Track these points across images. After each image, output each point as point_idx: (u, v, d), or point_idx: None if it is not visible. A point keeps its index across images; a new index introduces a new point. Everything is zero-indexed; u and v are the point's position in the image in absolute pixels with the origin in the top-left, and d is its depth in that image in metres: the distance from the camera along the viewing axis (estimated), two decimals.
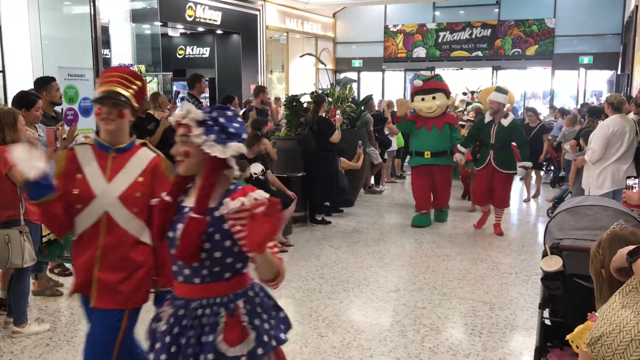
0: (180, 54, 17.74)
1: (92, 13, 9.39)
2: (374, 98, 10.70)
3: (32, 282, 4.78)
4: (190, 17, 14.24)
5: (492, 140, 7.04)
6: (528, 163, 7.23)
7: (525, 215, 8.92)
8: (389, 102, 10.75)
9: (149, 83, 12.21)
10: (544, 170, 11.63)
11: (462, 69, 19.99)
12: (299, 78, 19.10)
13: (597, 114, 7.58)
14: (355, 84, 18.90)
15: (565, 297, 3.10)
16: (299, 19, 18.93)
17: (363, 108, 9.45)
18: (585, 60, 18.05)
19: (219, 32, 16.13)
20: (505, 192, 7.24)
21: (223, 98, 8.10)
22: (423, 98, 7.62)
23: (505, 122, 6.98)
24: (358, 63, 21.16)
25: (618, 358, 1.81)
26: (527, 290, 5.25)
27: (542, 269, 3.09)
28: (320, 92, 9.20)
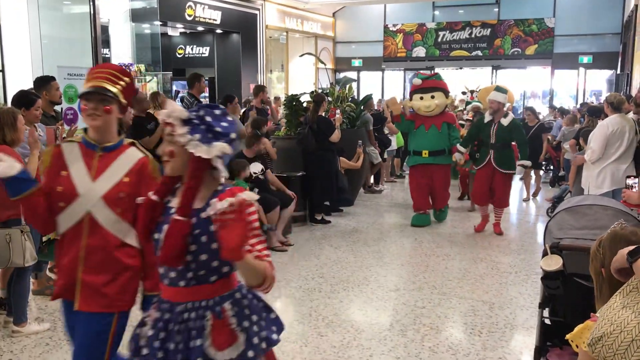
0: (180, 54, 17.74)
1: (91, 12, 9.40)
2: (374, 97, 10.70)
3: (31, 281, 4.78)
4: (190, 16, 14.23)
5: (492, 140, 7.01)
6: (527, 162, 7.20)
7: (525, 215, 8.93)
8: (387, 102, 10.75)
9: (149, 82, 12.20)
10: (544, 170, 11.63)
11: (461, 69, 19.99)
12: (299, 77, 19.10)
13: (596, 114, 7.58)
14: (355, 84, 18.91)
15: (565, 296, 3.10)
16: (299, 19, 18.93)
17: (362, 107, 9.45)
18: (585, 60, 18.06)
19: (219, 31, 16.13)
20: (505, 192, 7.23)
21: (223, 97, 8.09)
22: (422, 97, 7.59)
23: (505, 121, 6.96)
24: (358, 62, 21.17)
25: (619, 358, 1.81)
26: (526, 290, 5.25)
27: (542, 269, 3.10)
28: (320, 91, 9.20)
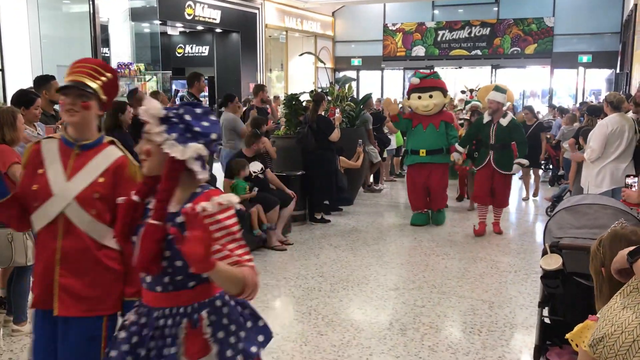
0: (180, 53, 17.75)
1: (91, 12, 9.40)
2: (373, 97, 10.69)
3: (31, 280, 4.78)
4: (190, 15, 14.23)
5: (491, 141, 6.96)
6: (524, 160, 7.09)
7: (524, 214, 8.93)
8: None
9: (148, 82, 12.19)
10: (543, 169, 11.63)
11: (461, 68, 20.00)
12: (298, 77, 19.10)
13: (596, 113, 7.58)
14: (354, 83, 18.91)
15: (565, 295, 3.11)
16: (298, 18, 18.93)
17: (362, 107, 9.45)
18: (584, 59, 18.07)
19: (218, 30, 16.13)
20: (505, 192, 7.21)
21: (224, 96, 8.08)
22: (420, 96, 7.53)
23: (504, 121, 6.92)
24: (357, 62, 21.17)
25: (620, 359, 1.82)
26: (526, 289, 5.26)
27: (541, 268, 3.10)
28: (320, 90, 9.20)
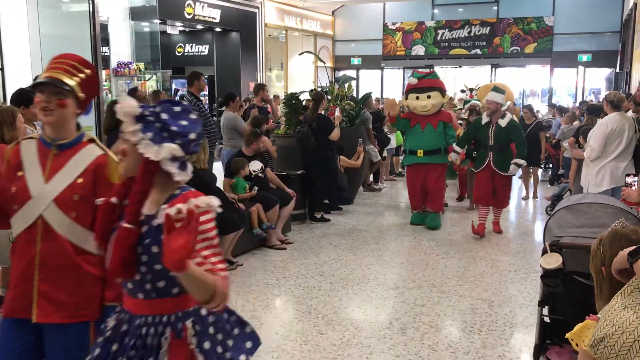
0: (179, 52, 17.74)
1: (91, 11, 9.38)
2: (373, 96, 10.69)
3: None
4: (189, 14, 14.22)
5: (490, 142, 6.92)
6: (521, 161, 7.01)
7: (524, 213, 8.93)
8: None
9: (148, 81, 12.19)
10: (543, 168, 11.63)
11: (460, 67, 20.00)
12: (298, 76, 19.10)
13: (596, 112, 7.57)
14: (354, 82, 18.91)
15: (565, 294, 3.11)
16: (298, 17, 18.92)
17: (362, 106, 9.45)
18: (584, 58, 18.06)
19: (218, 29, 16.12)
20: (505, 193, 7.19)
21: (225, 96, 8.07)
22: (418, 96, 7.45)
23: (503, 122, 6.87)
24: (357, 61, 21.16)
25: (621, 359, 1.82)
26: (526, 288, 5.26)
27: (541, 267, 3.10)
28: (319, 89, 9.20)
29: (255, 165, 6.55)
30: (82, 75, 2.31)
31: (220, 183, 6.40)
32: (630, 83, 12.23)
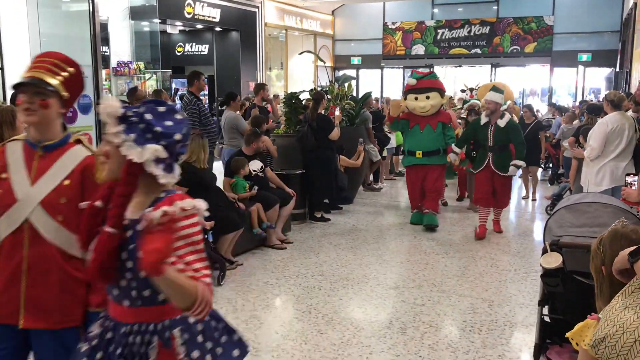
0: (179, 51, 17.73)
1: (90, 10, 9.37)
2: (373, 95, 10.68)
3: None
4: (189, 14, 14.22)
5: (489, 143, 6.87)
6: (521, 162, 6.96)
7: (524, 213, 8.92)
8: (388, 99, 10.75)
9: (148, 80, 12.19)
10: (542, 168, 11.62)
11: (460, 67, 20.00)
12: (298, 75, 19.10)
13: (596, 111, 7.58)
14: (354, 81, 18.91)
15: (565, 294, 3.11)
16: (298, 16, 18.92)
17: (362, 105, 9.45)
18: (584, 58, 18.06)
19: (218, 29, 16.12)
20: (506, 194, 7.14)
21: (226, 95, 8.07)
22: (416, 97, 7.40)
23: (502, 122, 6.82)
24: (357, 60, 21.16)
25: (622, 359, 1.82)
26: (526, 288, 5.26)
27: (541, 266, 3.10)
28: (319, 89, 9.20)
29: (255, 165, 6.55)
30: (65, 74, 2.24)
31: (220, 182, 6.40)
32: (630, 82, 12.22)
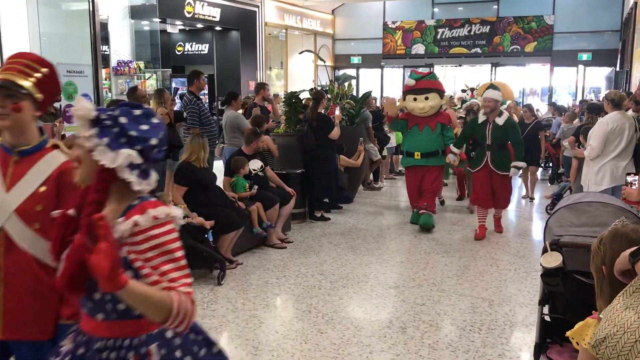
0: (179, 51, 17.72)
1: (90, 9, 9.38)
2: (373, 95, 10.69)
3: None
4: (189, 13, 14.22)
5: (487, 141, 6.80)
6: (521, 163, 6.91)
7: (524, 212, 8.92)
8: (386, 98, 10.73)
9: (148, 80, 12.19)
10: (542, 167, 11.62)
11: (461, 66, 20.00)
12: (298, 75, 19.10)
13: (596, 111, 7.57)
14: (354, 81, 18.90)
15: (565, 293, 3.11)
16: (298, 16, 18.92)
17: (362, 104, 9.45)
18: (584, 57, 18.06)
19: (218, 28, 16.11)
20: (506, 193, 7.06)
21: (227, 94, 8.05)
22: (415, 98, 7.32)
23: (500, 120, 6.75)
24: (357, 60, 21.16)
25: (623, 359, 1.82)
26: (526, 287, 5.26)
27: (541, 266, 3.10)
28: (319, 88, 9.20)
29: (255, 164, 6.55)
30: (38, 75, 2.14)
31: (221, 182, 6.40)
32: (631, 82, 12.22)
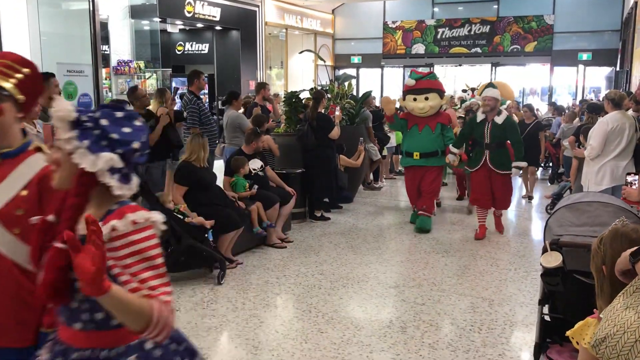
0: (180, 50, 17.72)
1: (91, 9, 9.38)
2: (373, 94, 10.69)
3: None
4: (189, 13, 14.21)
5: (486, 140, 6.76)
6: (523, 163, 6.91)
7: (524, 212, 8.92)
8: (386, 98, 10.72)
9: (148, 79, 12.18)
10: (542, 167, 11.62)
11: (461, 66, 20.00)
12: (298, 74, 19.09)
13: (596, 110, 7.57)
14: (354, 80, 18.90)
15: (565, 293, 3.11)
16: (298, 15, 18.91)
17: (362, 104, 9.45)
18: (584, 57, 18.05)
19: (218, 28, 16.11)
20: (506, 193, 7.00)
21: (228, 94, 8.04)
22: (415, 98, 7.28)
23: (499, 119, 6.72)
24: (357, 59, 21.15)
25: (623, 359, 1.82)
26: (526, 287, 5.26)
27: (541, 265, 3.10)
28: (320, 88, 9.20)
29: (255, 164, 6.55)
30: (19, 76, 2.07)
31: (221, 181, 6.40)
32: (631, 82, 12.22)
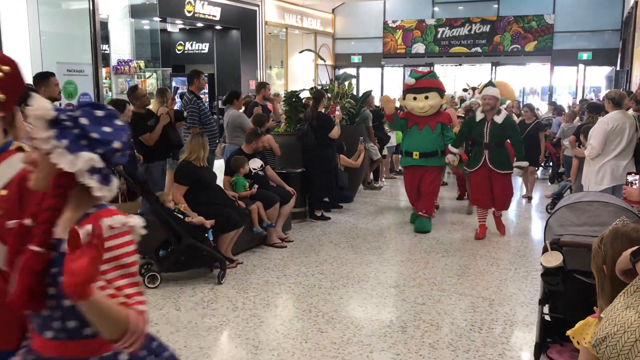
0: (180, 50, 17.71)
1: (91, 8, 9.38)
2: (373, 94, 10.68)
3: None
4: (190, 12, 14.21)
5: (485, 140, 6.72)
6: (524, 163, 6.89)
7: (525, 212, 8.92)
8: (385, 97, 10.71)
9: (148, 79, 12.18)
10: (543, 167, 11.61)
11: (461, 65, 20.00)
12: (298, 74, 19.09)
13: (597, 110, 7.57)
14: (355, 80, 18.88)
15: (566, 293, 3.11)
16: (298, 15, 18.90)
17: (362, 104, 9.44)
18: (585, 56, 18.04)
19: (218, 27, 16.10)
20: (506, 194, 6.95)
21: (229, 93, 8.04)
22: (415, 97, 7.24)
23: (499, 118, 6.69)
24: (357, 59, 21.14)
25: (623, 359, 1.82)
26: (526, 286, 5.26)
27: (542, 265, 3.10)
28: (320, 88, 9.20)
29: (255, 163, 6.55)
30: None
31: (221, 181, 6.40)
32: (631, 81, 12.22)
